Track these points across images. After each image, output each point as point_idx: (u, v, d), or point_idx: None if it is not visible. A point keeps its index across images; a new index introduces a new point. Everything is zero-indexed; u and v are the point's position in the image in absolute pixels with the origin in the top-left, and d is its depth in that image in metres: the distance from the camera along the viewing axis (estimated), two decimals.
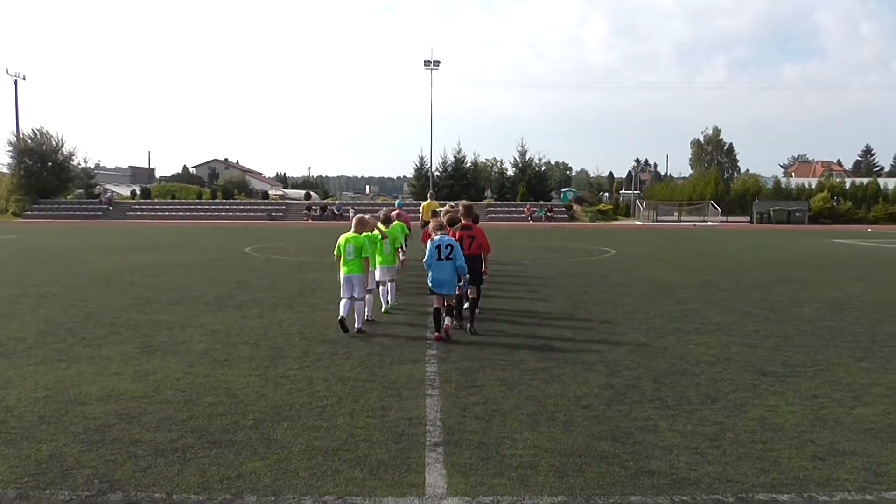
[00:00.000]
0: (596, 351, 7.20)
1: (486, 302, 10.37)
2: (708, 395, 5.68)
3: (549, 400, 5.49)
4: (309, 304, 10.34)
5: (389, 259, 9.84)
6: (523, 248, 23.79)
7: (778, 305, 10.36)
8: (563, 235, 33.03)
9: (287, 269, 15.50)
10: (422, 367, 6.53)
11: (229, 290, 11.80)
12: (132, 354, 7.01)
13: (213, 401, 5.43)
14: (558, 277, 14.06)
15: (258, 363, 6.66)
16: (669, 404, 5.40)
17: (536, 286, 12.58)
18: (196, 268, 16.00)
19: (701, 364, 6.70)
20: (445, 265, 8.16)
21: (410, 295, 11.29)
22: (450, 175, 66.14)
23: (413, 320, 8.93)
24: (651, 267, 16.49)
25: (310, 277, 13.87)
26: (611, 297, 11.12)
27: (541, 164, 69.25)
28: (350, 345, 7.43)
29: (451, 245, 8.24)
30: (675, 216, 54.67)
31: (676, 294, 11.56)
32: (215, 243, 25.49)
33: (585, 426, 4.90)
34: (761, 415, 5.19)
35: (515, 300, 10.75)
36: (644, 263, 17.42)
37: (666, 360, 6.86)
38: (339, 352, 7.12)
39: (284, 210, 56.06)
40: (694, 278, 13.96)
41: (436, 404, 5.36)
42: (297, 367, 6.52)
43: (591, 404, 5.39)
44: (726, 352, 7.22)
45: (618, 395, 5.65)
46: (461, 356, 6.95)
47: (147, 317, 9.13)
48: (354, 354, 7.02)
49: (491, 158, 73.37)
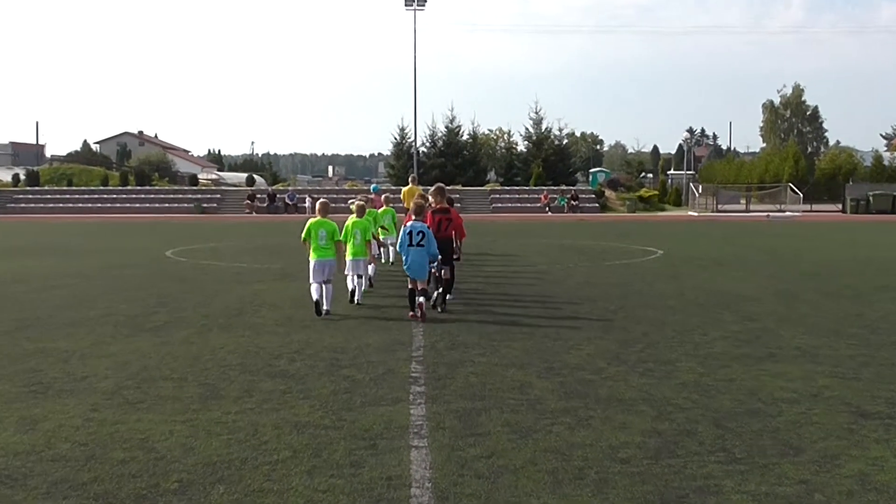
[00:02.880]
0: (637, 386, 7.22)
1: (491, 318, 10.49)
2: (788, 443, 5.69)
3: (576, 452, 5.49)
4: (252, 325, 10.34)
5: (362, 250, 12.02)
6: (539, 247, 23.86)
7: (879, 324, 10.42)
8: (591, 231, 33.15)
9: (223, 279, 15.48)
10: (405, 409, 6.52)
11: (146, 308, 11.79)
12: (15, 395, 6.97)
13: (124, 457, 5.41)
14: (585, 287, 14.10)
15: (185, 405, 6.63)
16: (737, 457, 5.41)
17: (557, 299, 12.61)
18: (101, 278, 15.93)
19: (778, 402, 6.72)
20: (417, 251, 10.67)
21: (392, 298, 11.30)
22: (440, 152, 66.42)
23: (391, 342, 8.93)
24: (710, 272, 16.55)
25: (253, 290, 13.86)
26: (656, 314, 11.15)
27: (562, 137, 69.74)
28: (307, 379, 7.43)
29: (422, 232, 10.71)
30: (741, 204, 55.00)
31: (744, 308, 11.61)
32: (127, 244, 25.42)
33: (624, 487, 4.90)
34: (860, 470, 5.20)
35: (529, 318, 10.78)
36: (700, 268, 17.49)
37: (731, 396, 6.88)
38: (294, 388, 7.12)
39: (219, 200, 56.04)
40: (767, 287, 14.03)
41: (424, 459, 5.35)
42: (238, 409, 6.50)
43: (631, 457, 5.39)
44: (812, 386, 7.25)
45: (667, 444, 5.65)
46: (457, 393, 6.95)
47: (35, 344, 9.09)
48: (314, 392, 7.01)
49: (495, 129, 73.56)
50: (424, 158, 66.46)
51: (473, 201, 55.17)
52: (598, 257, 20.47)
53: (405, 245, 10.87)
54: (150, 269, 17.47)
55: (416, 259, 10.77)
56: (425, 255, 10.77)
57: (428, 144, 68.21)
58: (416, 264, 10.78)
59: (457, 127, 67.89)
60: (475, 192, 57.72)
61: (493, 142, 73.58)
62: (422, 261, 10.77)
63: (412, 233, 10.83)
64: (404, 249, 10.89)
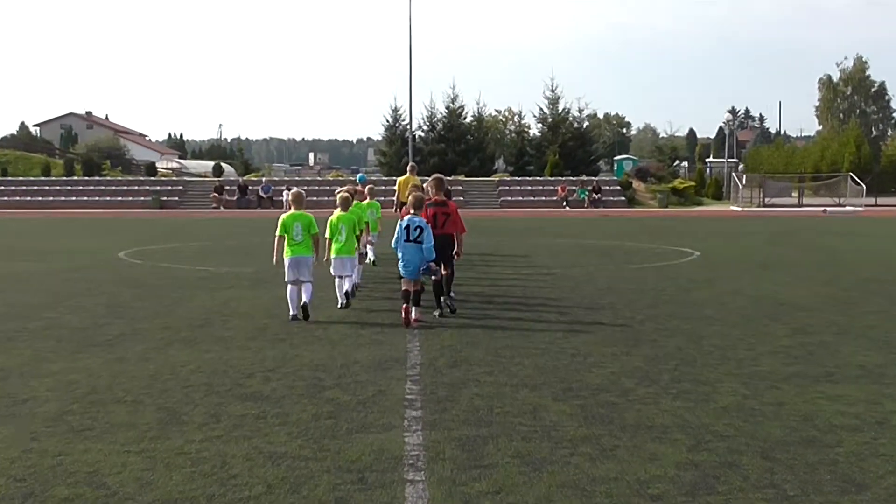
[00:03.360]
0: (670, 410, 7.21)
1: (499, 330, 10.51)
2: (850, 479, 5.68)
3: (599, 487, 5.49)
4: (220, 338, 10.35)
5: (347, 247, 12.47)
6: (556, 248, 23.88)
7: None
8: (616, 229, 33.16)
9: (186, 285, 15.49)
10: (399, 437, 6.52)
11: (95, 319, 11.79)
12: None
13: (68, 494, 5.40)
14: (609, 294, 14.11)
15: (140, 433, 6.63)
16: (788, 494, 5.41)
17: (576, 308, 12.62)
18: (43, 283, 15.93)
19: (837, 430, 6.71)
20: (414, 247, 11.30)
21: (379, 300, 11.32)
22: (440, 136, 66.55)
23: (382, 357, 8.93)
24: (755, 277, 16.56)
25: (222, 297, 13.87)
26: (692, 325, 11.16)
27: (582, 119, 69.87)
28: (284, 402, 7.43)
29: (420, 227, 11.33)
30: (793, 197, 55.02)
31: (796, 319, 11.62)
32: (73, 244, 25.43)
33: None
34: None
35: (543, 330, 10.80)
36: (744, 272, 17.49)
37: (781, 423, 6.88)
38: (269, 412, 7.12)
39: (181, 192, 56.13)
40: (824, 295, 14.03)
41: (421, 495, 5.35)
42: (203, 437, 6.50)
43: (663, 494, 5.39)
44: (877, 411, 7.24)
45: (706, 479, 5.65)
46: (460, 418, 6.95)
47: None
48: (293, 416, 7.01)
49: (504, 111, 73.79)
50: (421, 144, 66.61)
51: (479, 194, 55.31)
52: (624, 259, 20.48)
53: (401, 240, 11.37)
54: (101, 274, 17.46)
55: (411, 257, 11.29)
56: (420, 252, 11.30)
57: (425, 128, 68.40)
58: (412, 263, 11.30)
59: (459, 108, 68.05)
60: (481, 183, 57.84)
61: (502, 125, 73.78)
62: (417, 259, 11.31)
63: (409, 227, 11.35)
64: (400, 245, 11.37)
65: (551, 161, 60.87)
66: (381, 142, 73.76)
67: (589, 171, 64.31)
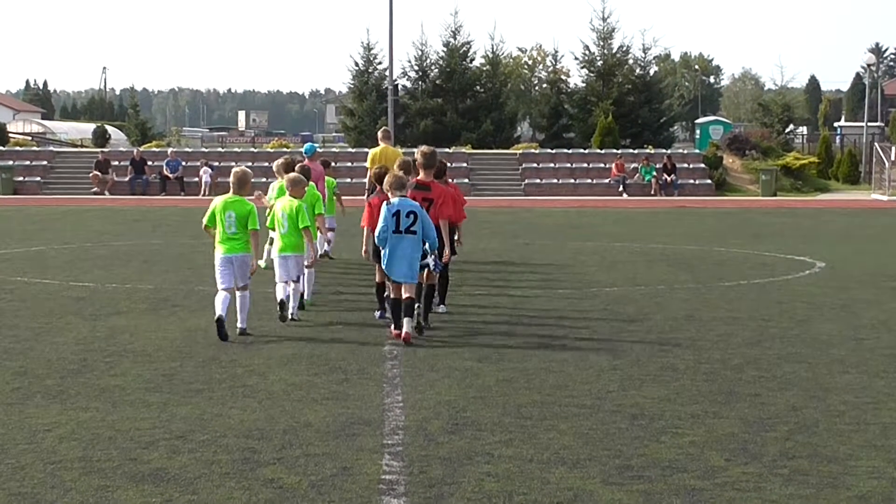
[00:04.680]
0: (779, 500, 7.18)
1: (521, 377, 10.49)
2: None
3: None
4: (105, 390, 10.34)
5: (293, 242, 13.81)
6: (607, 255, 23.84)
7: None
8: (700, 226, 33.14)
9: (54, 309, 15.47)
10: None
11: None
12: None
13: None
14: (689, 325, 14.13)
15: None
16: None
17: (636, 343, 12.63)
18: None
19: None
20: (406, 240, 12.44)
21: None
22: (435, 88, 66.56)
23: (347, 417, 8.92)
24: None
25: (107, 327, 13.85)
26: (814, 373, 11.18)
27: (648, 62, 69.81)
28: (200, 485, 7.39)
29: (414, 212, 12.47)
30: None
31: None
32: None
33: None
34: None
35: (586, 378, 10.79)
36: (892, 294, 17.45)
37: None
38: (177, 501, 7.09)
39: (46, 169, 55.99)
40: None
41: None
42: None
43: None
44: None
45: None
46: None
47: None
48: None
49: (531, 49, 73.63)
50: (408, 99, 66.60)
51: (492, 174, 55.22)
52: (712, 274, 20.46)
53: (389, 231, 12.45)
54: None
55: (403, 252, 12.49)
56: (419, 246, 12.53)
57: (413, 75, 68.36)
58: (406, 260, 12.48)
59: (464, 45, 67.97)
60: (496, 158, 57.79)
61: (528, 71, 73.78)
62: (414, 254, 12.49)
63: (400, 214, 12.44)
64: (388, 238, 12.48)
65: (601, 125, 60.66)
66: (346, 96, 73.83)
67: (658, 140, 64.11)
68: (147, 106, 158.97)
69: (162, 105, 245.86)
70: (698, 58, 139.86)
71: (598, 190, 52.89)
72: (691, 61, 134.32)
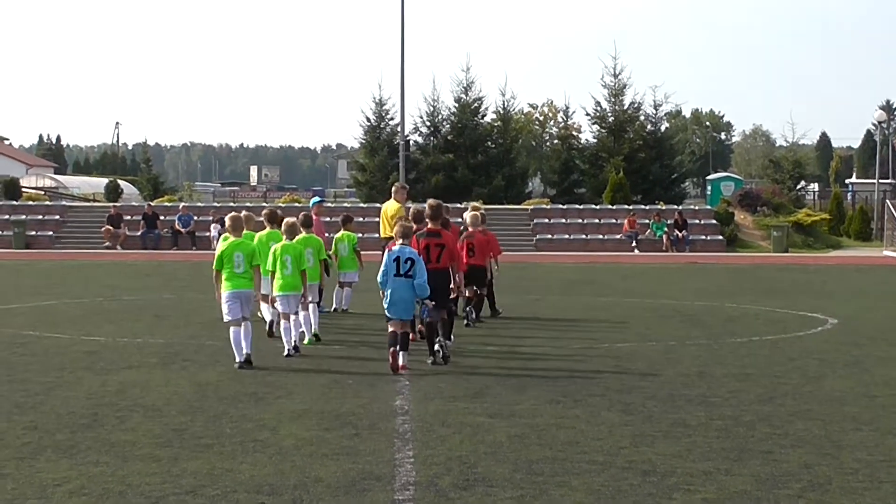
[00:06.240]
0: None
1: (531, 432, 10.51)
2: None
3: None
4: (115, 443, 10.32)
5: (295, 282, 15.55)
6: (618, 311, 23.82)
7: None
8: (711, 282, 33.11)
9: (64, 363, 15.47)
10: None
11: None
12: None
13: None
14: (701, 381, 14.10)
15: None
16: None
17: (648, 400, 12.61)
18: None
19: None
20: (405, 283, 14.18)
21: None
22: (447, 143, 66.66)
23: (357, 472, 8.89)
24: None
25: (117, 382, 13.85)
26: (827, 430, 11.11)
27: (659, 119, 69.95)
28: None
29: (411, 259, 14.20)
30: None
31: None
32: None
33: None
34: None
35: (598, 434, 10.77)
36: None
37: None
38: None
39: (58, 223, 56.16)
40: None
41: None
42: None
43: None
44: None
45: None
46: None
47: None
48: None
49: (542, 105, 73.83)
50: (419, 155, 66.72)
51: (504, 228, 55.13)
52: (724, 330, 20.40)
53: (390, 275, 14.23)
54: None
55: (401, 294, 14.25)
56: (412, 288, 14.19)
57: (425, 130, 68.55)
58: (402, 301, 14.27)
59: (475, 101, 68.20)
60: (507, 213, 57.72)
61: (539, 126, 73.96)
62: (407, 295, 14.28)
63: (399, 259, 14.22)
64: (390, 281, 14.24)
65: (613, 181, 60.73)
66: (358, 151, 73.97)
67: (669, 195, 64.12)
68: (159, 161, 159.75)
69: (174, 160, 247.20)
70: (709, 114, 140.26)
71: (609, 245, 52.88)
72: (702, 118, 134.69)
